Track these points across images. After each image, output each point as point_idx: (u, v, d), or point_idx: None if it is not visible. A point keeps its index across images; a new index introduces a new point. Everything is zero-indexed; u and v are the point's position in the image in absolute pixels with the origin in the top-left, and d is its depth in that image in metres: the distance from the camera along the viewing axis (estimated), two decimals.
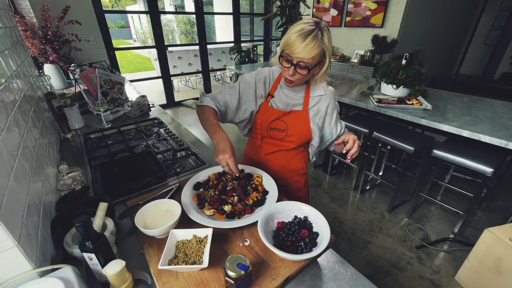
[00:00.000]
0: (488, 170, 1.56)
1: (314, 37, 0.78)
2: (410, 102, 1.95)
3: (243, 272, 0.56)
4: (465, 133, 1.56)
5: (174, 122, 1.65)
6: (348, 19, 4.29)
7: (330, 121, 1.04)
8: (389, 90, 2.17)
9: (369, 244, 1.89)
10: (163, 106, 4.49)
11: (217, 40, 9.05)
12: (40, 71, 2.08)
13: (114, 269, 0.57)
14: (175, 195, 0.92)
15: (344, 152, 0.91)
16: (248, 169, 1.00)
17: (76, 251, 0.63)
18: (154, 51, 4.54)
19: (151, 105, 1.86)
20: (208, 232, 0.70)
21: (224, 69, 6.01)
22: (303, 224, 0.76)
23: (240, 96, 0.98)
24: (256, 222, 0.72)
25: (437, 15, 4.30)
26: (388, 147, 2.15)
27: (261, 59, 6.12)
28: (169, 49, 5.25)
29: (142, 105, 1.77)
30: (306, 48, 0.79)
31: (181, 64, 5.38)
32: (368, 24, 4.07)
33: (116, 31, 17.48)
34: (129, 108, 1.73)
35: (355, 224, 2.08)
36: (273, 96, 1.01)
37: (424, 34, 4.31)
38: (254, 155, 1.15)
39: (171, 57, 5.10)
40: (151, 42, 10.51)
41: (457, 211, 1.89)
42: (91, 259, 0.59)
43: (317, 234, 0.72)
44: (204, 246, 0.67)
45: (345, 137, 0.90)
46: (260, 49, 6.00)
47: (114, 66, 3.78)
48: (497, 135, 1.47)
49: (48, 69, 2.17)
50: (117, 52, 3.87)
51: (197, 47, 4.92)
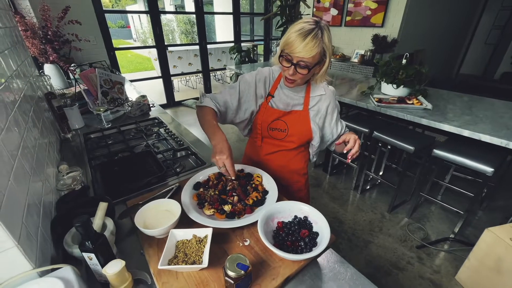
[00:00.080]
0: (489, 169, 1.56)
1: (314, 36, 0.78)
2: (411, 102, 1.95)
3: (242, 272, 0.55)
4: (466, 133, 1.56)
5: (174, 122, 1.65)
6: (348, 18, 4.29)
7: (331, 121, 1.03)
8: (389, 90, 2.16)
9: (369, 244, 1.89)
10: (163, 106, 4.50)
11: (217, 40, 9.05)
12: (40, 71, 2.09)
13: (114, 269, 0.57)
14: (175, 195, 0.92)
15: (345, 152, 0.90)
16: (248, 169, 1.00)
17: (76, 251, 0.63)
18: (154, 51, 4.54)
19: (151, 105, 1.86)
20: (208, 232, 0.70)
21: (224, 69, 6.01)
22: (303, 224, 0.76)
23: (240, 96, 0.98)
24: (256, 222, 0.72)
25: (437, 14, 4.29)
26: (389, 147, 2.15)
27: (261, 59, 6.13)
28: (169, 49, 5.25)
29: (142, 105, 1.77)
30: (306, 47, 0.78)
31: (181, 64, 5.38)
32: (368, 24, 4.07)
33: (116, 31, 17.49)
34: (129, 108, 1.73)
35: (355, 224, 2.08)
36: (273, 96, 1.01)
37: (425, 33, 4.30)
38: (254, 155, 1.15)
39: (171, 57, 5.10)
40: (151, 42, 10.52)
41: (458, 211, 1.89)
42: (91, 259, 0.59)
43: (317, 234, 0.72)
44: (204, 246, 0.67)
45: (346, 137, 0.90)
46: (260, 49, 6.00)
47: (114, 66, 3.78)
48: (498, 135, 1.47)
49: (48, 69, 2.17)
50: (117, 52, 3.88)
51: (197, 47, 4.92)
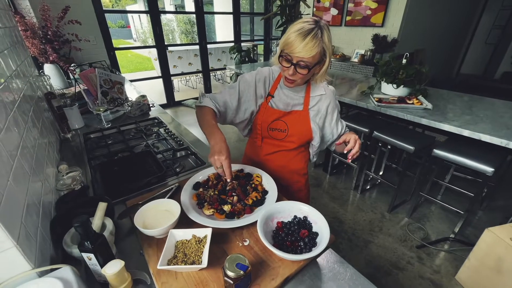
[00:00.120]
0: (489, 169, 1.55)
1: (313, 36, 0.78)
2: (411, 102, 1.95)
3: (242, 272, 0.55)
4: (466, 133, 1.55)
5: (174, 122, 1.65)
6: (349, 18, 4.28)
7: (331, 121, 1.03)
8: (390, 90, 2.16)
9: (370, 244, 1.89)
10: (163, 106, 4.50)
11: (217, 40, 9.05)
12: (40, 71, 2.09)
13: (113, 269, 0.57)
14: (175, 195, 0.92)
15: (345, 152, 0.90)
16: (247, 169, 1.00)
17: (75, 251, 0.63)
18: (154, 50, 4.54)
19: (151, 105, 1.86)
20: (208, 232, 0.70)
21: (224, 68, 6.01)
22: (302, 224, 0.76)
23: (240, 96, 0.97)
24: (256, 222, 0.72)
25: (437, 14, 4.29)
26: (389, 147, 2.15)
27: (261, 58, 6.12)
28: (169, 48, 5.25)
29: (142, 104, 1.77)
30: (305, 47, 0.78)
31: (181, 64, 5.38)
32: (368, 24, 4.06)
33: (116, 31, 17.48)
34: (129, 108, 1.72)
35: (355, 223, 2.08)
36: (273, 96, 1.00)
37: (425, 33, 4.29)
38: (254, 155, 1.15)
39: (171, 57, 5.10)
40: (151, 41, 10.50)
41: (458, 211, 1.89)
42: (90, 259, 0.59)
43: (316, 234, 0.72)
44: (203, 246, 0.67)
45: (346, 137, 0.90)
46: (260, 49, 6.00)
47: (114, 66, 3.78)
48: (498, 135, 1.47)
49: (48, 69, 2.17)
50: (117, 52, 3.87)
51: (197, 47, 4.92)
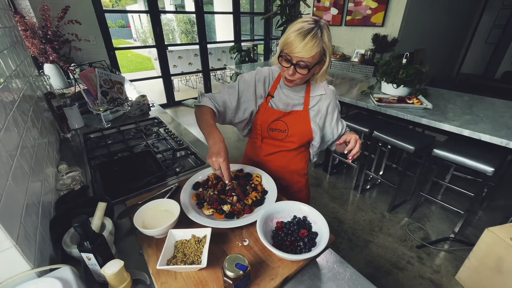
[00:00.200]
0: (489, 169, 1.55)
1: (313, 36, 0.77)
2: (411, 101, 1.95)
3: (241, 272, 0.55)
4: (466, 132, 1.55)
5: (174, 122, 1.65)
6: (349, 18, 4.28)
7: (331, 121, 1.03)
8: (390, 89, 2.16)
9: (370, 244, 1.89)
10: (163, 105, 4.50)
11: (217, 40, 9.04)
12: (40, 71, 2.09)
13: (112, 269, 0.57)
14: (174, 195, 0.92)
15: (345, 153, 0.89)
16: (247, 169, 1.00)
17: (74, 251, 0.63)
18: (154, 50, 4.54)
19: (150, 105, 1.86)
20: (207, 232, 0.70)
21: (225, 68, 6.01)
22: (302, 224, 0.76)
23: (239, 96, 0.97)
24: (255, 222, 0.72)
25: (437, 14, 4.28)
26: (389, 147, 2.15)
27: (261, 58, 6.12)
28: (169, 48, 5.25)
29: (142, 104, 1.76)
30: (305, 47, 0.77)
31: (181, 64, 5.38)
32: (368, 23, 4.06)
33: (116, 31, 17.48)
34: (129, 107, 1.72)
35: (355, 223, 2.07)
36: (272, 96, 1.00)
37: (425, 33, 4.29)
38: (254, 155, 1.15)
39: (171, 57, 5.10)
40: (151, 41, 10.49)
41: (458, 211, 1.88)
42: (90, 259, 0.59)
43: (316, 234, 0.72)
44: (203, 246, 0.67)
45: (347, 137, 0.89)
46: (260, 49, 6.00)
47: (114, 65, 3.78)
48: (498, 134, 1.46)
49: (48, 68, 2.17)
50: (117, 52, 3.87)
51: (197, 47, 4.91)
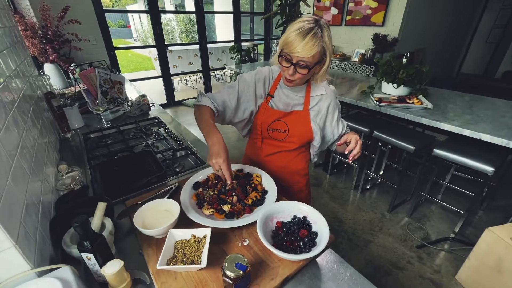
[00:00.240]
0: (489, 169, 1.55)
1: (313, 35, 0.77)
2: (411, 101, 1.94)
3: (241, 272, 0.55)
4: (466, 132, 1.55)
5: (174, 122, 1.65)
6: (349, 17, 4.27)
7: (332, 121, 1.02)
8: (390, 89, 2.16)
9: (370, 244, 1.88)
10: (163, 105, 4.50)
11: (218, 39, 9.05)
12: (40, 71, 2.09)
13: (112, 269, 0.57)
14: (174, 195, 0.92)
15: (346, 153, 0.89)
16: (247, 169, 1.00)
17: (74, 251, 0.63)
18: (154, 50, 4.54)
19: (150, 105, 1.86)
20: (207, 232, 0.70)
21: (225, 68, 6.01)
22: (302, 224, 0.75)
23: (239, 95, 0.97)
24: (255, 222, 0.72)
25: (438, 13, 4.28)
26: (389, 146, 2.15)
27: (262, 58, 6.12)
28: (170, 48, 5.25)
29: (142, 104, 1.76)
30: (305, 46, 0.77)
31: (182, 64, 5.38)
32: (368, 23, 4.05)
33: (117, 31, 17.48)
34: (129, 107, 1.72)
35: (356, 223, 2.07)
36: (273, 96, 1.00)
37: (425, 32, 4.28)
38: (254, 156, 1.14)
39: (171, 57, 5.10)
40: (151, 41, 10.48)
41: (458, 211, 1.88)
42: (89, 259, 0.59)
43: (316, 234, 0.72)
44: (203, 246, 0.67)
45: (347, 137, 0.89)
46: (261, 48, 6.00)
47: (114, 65, 3.78)
48: (499, 134, 1.46)
49: (48, 68, 2.17)
50: (117, 52, 3.87)
51: (197, 46, 4.92)
